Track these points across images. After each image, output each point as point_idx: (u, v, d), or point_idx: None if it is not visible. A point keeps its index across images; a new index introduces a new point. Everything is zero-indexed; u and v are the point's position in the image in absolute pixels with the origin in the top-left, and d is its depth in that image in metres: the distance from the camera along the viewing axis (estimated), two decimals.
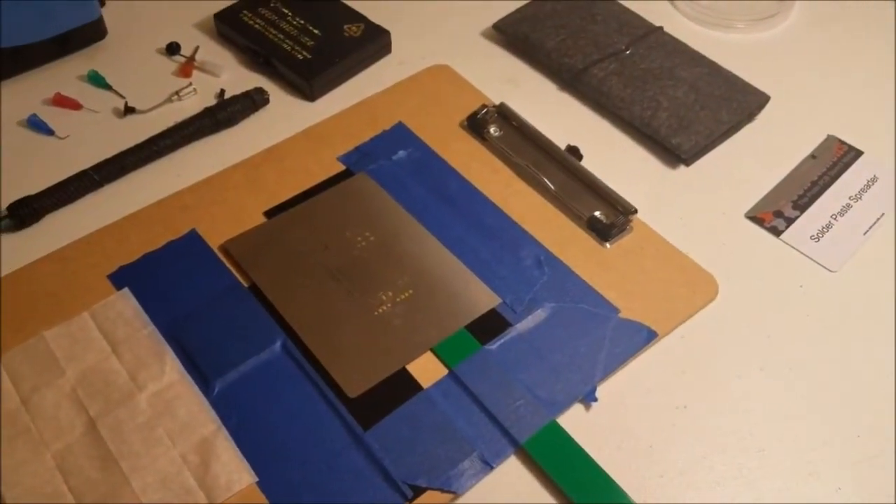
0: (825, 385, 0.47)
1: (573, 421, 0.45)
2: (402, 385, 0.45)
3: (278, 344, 0.47)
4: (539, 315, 0.49)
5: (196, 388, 0.45)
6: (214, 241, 0.52)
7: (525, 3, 0.68)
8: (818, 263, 0.52)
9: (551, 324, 0.48)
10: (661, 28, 0.66)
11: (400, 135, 0.59)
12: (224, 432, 0.43)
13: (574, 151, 0.58)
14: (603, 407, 0.45)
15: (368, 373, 0.46)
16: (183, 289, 0.50)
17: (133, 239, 0.52)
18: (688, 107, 0.59)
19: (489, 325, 0.48)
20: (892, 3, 0.69)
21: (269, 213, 0.54)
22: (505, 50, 0.67)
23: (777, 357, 0.48)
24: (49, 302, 0.49)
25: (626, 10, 0.67)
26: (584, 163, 0.57)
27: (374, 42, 0.65)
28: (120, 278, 0.50)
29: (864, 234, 0.54)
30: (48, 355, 0.46)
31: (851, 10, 0.70)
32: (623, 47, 0.63)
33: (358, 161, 0.57)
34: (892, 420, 0.45)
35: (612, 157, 0.59)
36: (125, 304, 0.49)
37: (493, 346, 0.47)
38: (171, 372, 0.45)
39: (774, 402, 0.46)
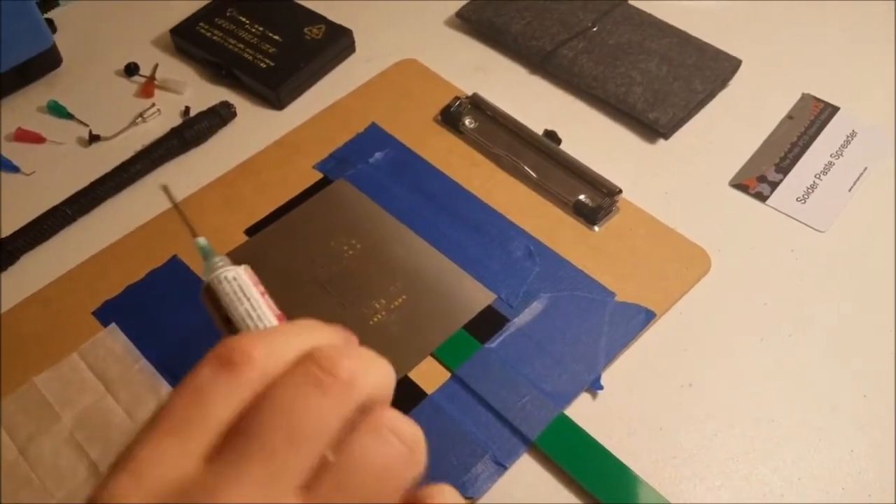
0: (826, 348, 0.47)
1: (581, 411, 0.44)
2: (407, 394, 0.45)
3: None
4: (536, 307, 0.48)
5: None
6: (198, 266, 0.51)
7: None
8: (807, 225, 0.52)
9: (549, 315, 0.48)
10: (625, 1, 0.65)
11: (374, 136, 0.58)
12: None
13: (552, 136, 0.57)
14: (609, 394, 0.45)
15: None
16: (171, 318, 0.48)
17: (114, 271, 0.51)
18: (661, 79, 0.59)
19: (487, 323, 0.48)
20: None
21: (250, 231, 0.53)
22: (471, 38, 0.66)
23: (776, 324, 0.48)
24: (36, 345, 0.48)
25: None
26: (563, 146, 0.57)
27: (337, 42, 0.64)
28: (105, 314, 0.49)
29: (849, 190, 0.54)
30: (41, 402, 0.45)
31: None
32: (589, 24, 0.63)
33: (335, 167, 0.56)
34: None
35: (591, 138, 0.58)
36: (114, 340, 0.48)
37: (493, 343, 0.47)
38: None
39: (778, 371, 0.46)
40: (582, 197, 0.53)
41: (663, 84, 0.58)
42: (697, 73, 0.59)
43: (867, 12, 0.65)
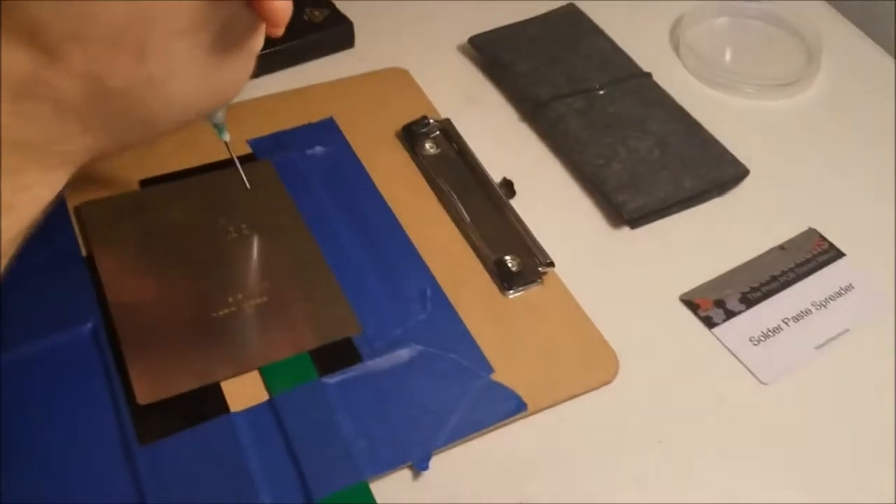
0: None
1: (392, 487, 0.37)
2: (207, 403, 0.38)
3: (88, 326, 0.41)
4: (399, 356, 0.42)
5: None
6: (74, 199, 0.46)
7: (510, 23, 0.62)
8: (749, 370, 0.44)
9: (409, 368, 0.41)
10: (649, 74, 0.58)
11: (325, 130, 0.53)
12: None
13: (508, 186, 0.51)
14: (433, 478, 0.38)
15: (172, 380, 0.39)
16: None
17: None
18: (647, 163, 0.52)
19: (338, 356, 0.41)
20: None
21: (146, 183, 0.48)
22: (476, 68, 0.61)
23: (662, 470, 0.39)
24: None
25: (617, 50, 0.60)
26: (518, 201, 0.50)
27: (333, 30, 0.59)
28: None
29: (817, 347, 0.45)
30: None
31: (880, 93, 0.61)
32: (597, 86, 0.56)
33: (269, 148, 0.51)
34: None
35: (552, 203, 0.51)
36: None
37: (332, 379, 0.40)
38: None
39: None
40: (508, 257, 0.47)
41: (648, 169, 0.51)
42: (692, 168, 0.52)
43: None
